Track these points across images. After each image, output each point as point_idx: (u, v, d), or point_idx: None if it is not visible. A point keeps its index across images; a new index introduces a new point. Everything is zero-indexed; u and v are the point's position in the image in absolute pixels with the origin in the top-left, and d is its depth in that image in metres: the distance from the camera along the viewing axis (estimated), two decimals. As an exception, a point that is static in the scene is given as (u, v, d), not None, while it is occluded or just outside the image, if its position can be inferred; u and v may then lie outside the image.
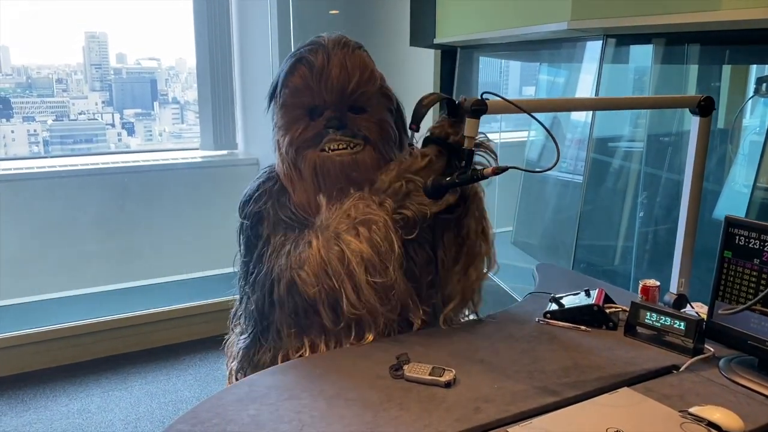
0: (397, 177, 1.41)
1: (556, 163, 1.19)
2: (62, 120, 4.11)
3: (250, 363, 1.49)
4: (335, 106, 1.44)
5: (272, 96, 1.50)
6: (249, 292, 1.48)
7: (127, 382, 2.95)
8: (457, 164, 1.37)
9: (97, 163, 3.94)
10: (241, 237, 1.50)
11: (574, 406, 1.15)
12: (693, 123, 1.43)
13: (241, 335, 1.56)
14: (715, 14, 1.58)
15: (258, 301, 1.44)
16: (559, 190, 3.04)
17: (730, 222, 1.31)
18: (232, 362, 1.60)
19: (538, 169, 1.53)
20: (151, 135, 4.42)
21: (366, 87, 1.46)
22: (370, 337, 1.41)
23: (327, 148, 1.43)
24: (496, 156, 1.46)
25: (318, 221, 1.42)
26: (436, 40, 3.25)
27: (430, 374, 1.23)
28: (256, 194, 1.49)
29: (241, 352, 1.53)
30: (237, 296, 1.62)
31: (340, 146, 1.43)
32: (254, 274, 1.45)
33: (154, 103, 4.38)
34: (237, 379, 1.50)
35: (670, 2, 1.78)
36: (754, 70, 2.45)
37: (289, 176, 1.48)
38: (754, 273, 1.25)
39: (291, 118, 1.45)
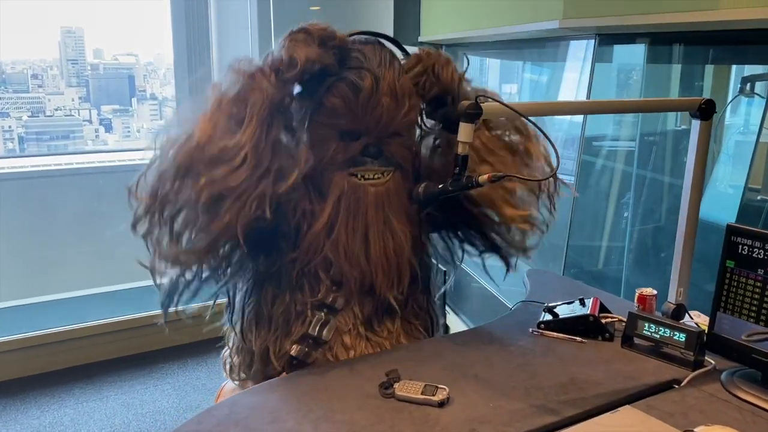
0: None
1: (556, 169, 1.13)
2: (38, 116, 4.03)
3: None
4: (375, 134, 1.34)
5: None
6: None
7: (102, 392, 2.84)
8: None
9: (71, 163, 3.84)
10: None
11: (574, 427, 1.09)
12: (693, 127, 1.38)
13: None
14: (714, 14, 1.53)
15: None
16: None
17: (732, 230, 1.26)
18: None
19: (537, 177, 1.46)
20: (129, 131, 4.37)
21: (411, 115, 1.36)
22: None
23: (360, 176, 1.33)
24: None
25: None
26: (421, 38, 3.20)
27: (422, 393, 1.16)
28: None
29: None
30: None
31: (375, 176, 1.34)
32: None
33: (132, 99, 4.32)
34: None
35: (666, 1, 1.73)
36: (734, 70, 2.43)
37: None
38: (759, 284, 1.20)
39: (318, 136, 1.33)
